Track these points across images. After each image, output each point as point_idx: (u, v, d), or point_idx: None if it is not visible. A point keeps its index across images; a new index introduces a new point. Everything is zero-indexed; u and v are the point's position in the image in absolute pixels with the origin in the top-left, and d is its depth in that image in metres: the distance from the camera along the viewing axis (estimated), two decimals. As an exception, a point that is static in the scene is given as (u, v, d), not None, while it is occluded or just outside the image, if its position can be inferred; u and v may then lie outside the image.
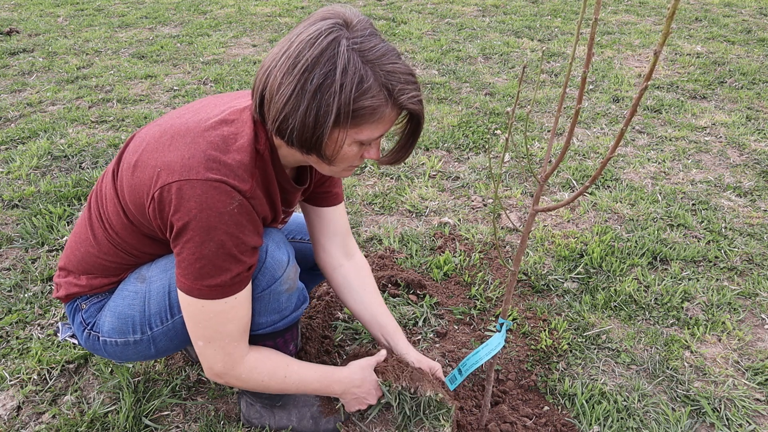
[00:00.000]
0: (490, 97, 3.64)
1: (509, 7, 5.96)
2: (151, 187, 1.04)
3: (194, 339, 1.13)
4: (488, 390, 1.41)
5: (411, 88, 1.01)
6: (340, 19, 0.97)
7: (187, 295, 1.08)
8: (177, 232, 1.03)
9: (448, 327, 1.83)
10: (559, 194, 2.60)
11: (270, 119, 1.02)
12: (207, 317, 1.09)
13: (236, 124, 1.09)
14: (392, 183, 2.65)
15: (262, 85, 1.01)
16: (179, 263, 1.06)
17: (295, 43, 0.96)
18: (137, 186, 1.08)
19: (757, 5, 6.04)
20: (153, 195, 1.03)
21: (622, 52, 4.55)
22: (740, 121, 3.31)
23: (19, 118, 3.31)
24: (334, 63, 0.94)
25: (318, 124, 0.97)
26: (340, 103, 0.95)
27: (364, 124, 1.00)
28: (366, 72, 0.96)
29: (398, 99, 1.00)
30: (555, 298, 1.96)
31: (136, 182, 1.08)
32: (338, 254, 1.46)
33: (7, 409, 1.52)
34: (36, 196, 2.47)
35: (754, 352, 1.74)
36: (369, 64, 0.96)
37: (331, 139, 1.01)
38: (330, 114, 0.96)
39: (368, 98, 0.97)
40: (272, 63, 0.99)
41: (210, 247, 1.02)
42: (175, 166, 1.02)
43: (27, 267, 2.05)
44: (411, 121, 1.09)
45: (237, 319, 1.11)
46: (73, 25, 5.42)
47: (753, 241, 2.24)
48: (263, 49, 4.67)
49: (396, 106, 1.01)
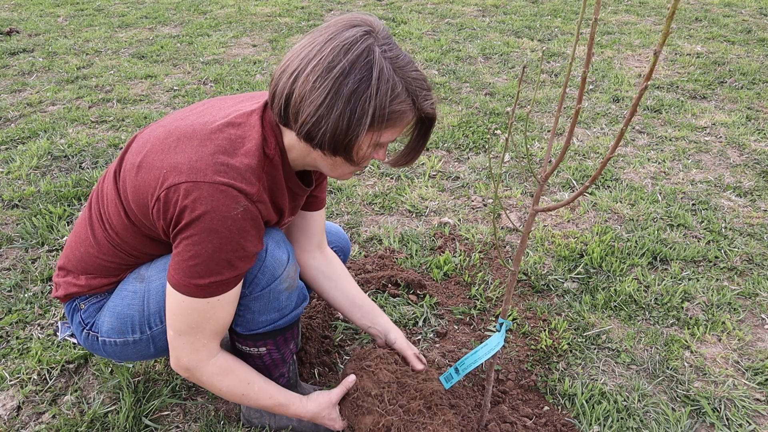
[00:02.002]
0: (490, 97, 3.65)
1: (509, 7, 5.95)
2: (156, 188, 1.05)
3: (168, 327, 1.15)
4: (488, 390, 1.41)
5: (430, 95, 1.08)
6: (369, 27, 1.02)
7: (173, 288, 1.09)
8: (179, 228, 1.04)
9: (448, 327, 1.83)
10: (559, 194, 2.60)
11: (299, 122, 1.02)
12: (186, 312, 1.10)
13: (243, 128, 1.09)
14: (392, 183, 2.65)
15: (288, 88, 1.02)
16: (174, 256, 1.07)
17: (327, 48, 0.99)
18: (141, 187, 1.08)
19: (757, 5, 6.04)
20: (159, 195, 1.04)
21: (622, 52, 4.55)
22: (740, 121, 3.31)
23: (19, 118, 3.31)
24: (369, 69, 0.98)
25: (352, 127, 1.00)
26: (376, 106, 0.99)
27: (390, 128, 1.05)
28: (396, 79, 1.01)
29: (421, 105, 1.06)
30: (555, 298, 1.96)
31: (141, 183, 1.08)
32: (314, 252, 1.49)
33: (7, 409, 1.52)
34: (36, 196, 2.47)
35: (754, 352, 1.74)
36: (398, 71, 1.02)
37: (361, 144, 1.04)
38: (366, 117, 1.00)
39: (399, 103, 1.02)
40: (300, 67, 1.00)
41: (207, 248, 1.03)
42: (183, 168, 1.03)
43: (27, 267, 2.05)
44: (423, 124, 1.14)
45: (214, 319, 1.12)
46: (73, 25, 5.42)
47: (753, 241, 2.24)
48: (263, 49, 4.67)
49: (417, 111, 1.07)
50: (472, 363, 1.33)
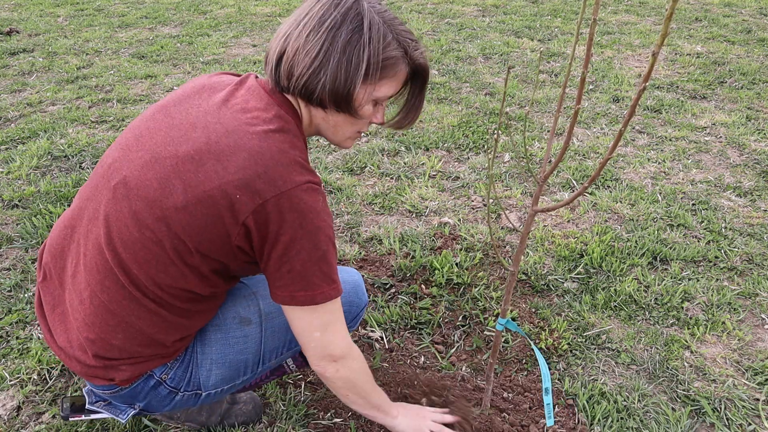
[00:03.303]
0: (490, 97, 3.65)
1: (509, 7, 5.95)
2: (235, 214, 0.97)
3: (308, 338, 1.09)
4: (488, 390, 1.41)
5: (419, 45, 1.08)
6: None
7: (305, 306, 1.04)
8: (284, 248, 0.99)
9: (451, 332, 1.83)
10: (559, 194, 2.60)
11: (295, 76, 1.01)
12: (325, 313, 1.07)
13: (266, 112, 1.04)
14: (392, 183, 2.65)
15: (281, 47, 1.02)
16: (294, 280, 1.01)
17: (317, 6, 1.01)
18: (205, 222, 0.99)
19: (757, 5, 6.04)
20: (244, 222, 0.98)
21: (622, 52, 4.55)
22: (740, 121, 3.31)
23: (19, 118, 3.31)
24: (360, 20, 1.00)
25: (350, 77, 1.00)
26: (370, 53, 1.00)
27: (385, 78, 1.05)
28: (386, 29, 1.02)
29: (412, 55, 1.06)
30: (555, 298, 1.96)
31: (200, 219, 0.99)
32: None
33: (7, 409, 1.52)
34: (36, 196, 2.47)
35: (754, 352, 1.74)
36: (387, 23, 1.03)
37: (359, 94, 1.03)
38: (362, 64, 1.00)
39: (391, 50, 1.03)
40: (290, 28, 1.02)
41: (321, 247, 1.01)
42: (257, 184, 0.96)
43: (27, 267, 2.05)
44: (417, 79, 1.14)
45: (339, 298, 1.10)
46: (73, 25, 5.42)
47: (753, 241, 2.24)
48: (263, 49, 4.67)
49: (409, 61, 1.07)
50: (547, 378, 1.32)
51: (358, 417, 1.50)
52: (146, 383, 1.16)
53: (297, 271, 1.01)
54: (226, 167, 0.97)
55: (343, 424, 1.48)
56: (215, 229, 0.99)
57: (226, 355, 1.19)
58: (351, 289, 1.34)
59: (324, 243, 1.01)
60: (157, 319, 1.08)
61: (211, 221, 0.99)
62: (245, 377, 1.25)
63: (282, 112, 1.05)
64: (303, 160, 1.02)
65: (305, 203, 0.98)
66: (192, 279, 1.06)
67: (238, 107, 1.03)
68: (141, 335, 1.09)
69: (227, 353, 1.19)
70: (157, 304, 1.07)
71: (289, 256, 1.00)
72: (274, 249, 1.00)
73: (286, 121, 1.04)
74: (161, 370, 1.16)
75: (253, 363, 1.23)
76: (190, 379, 1.19)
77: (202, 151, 0.99)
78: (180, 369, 1.18)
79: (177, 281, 1.05)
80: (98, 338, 1.09)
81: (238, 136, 0.99)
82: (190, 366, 1.19)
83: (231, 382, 1.23)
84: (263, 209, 0.96)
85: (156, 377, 1.16)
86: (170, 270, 1.04)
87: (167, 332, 1.10)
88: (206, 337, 1.19)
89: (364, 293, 1.38)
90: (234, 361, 1.20)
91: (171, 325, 1.10)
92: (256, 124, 1.01)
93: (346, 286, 1.32)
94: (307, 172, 1.01)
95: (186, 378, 1.19)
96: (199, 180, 0.98)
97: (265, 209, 0.96)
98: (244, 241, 1.01)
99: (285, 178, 0.97)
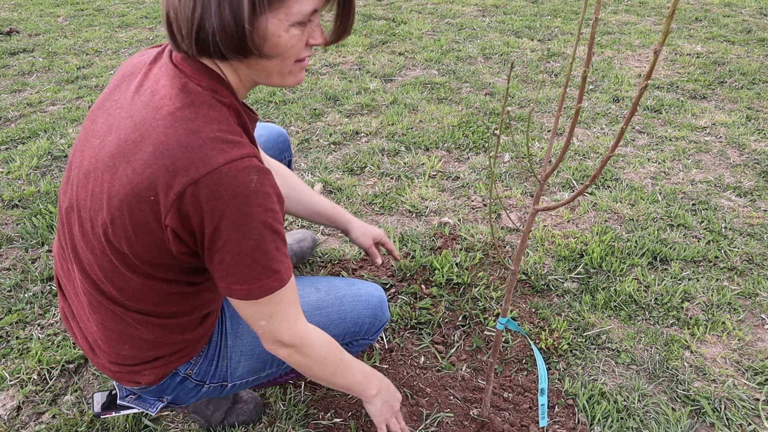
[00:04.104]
0: (490, 97, 3.65)
1: (509, 7, 5.95)
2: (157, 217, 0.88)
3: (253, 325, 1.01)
4: (488, 390, 1.41)
5: None
6: None
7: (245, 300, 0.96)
8: (210, 240, 0.89)
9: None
10: (559, 194, 2.60)
11: (185, 36, 0.87)
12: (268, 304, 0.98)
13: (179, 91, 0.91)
14: (392, 183, 2.65)
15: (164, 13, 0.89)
16: (227, 272, 0.92)
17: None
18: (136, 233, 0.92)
19: (757, 5, 6.04)
20: (166, 224, 0.88)
21: (622, 52, 4.55)
22: (740, 121, 3.31)
23: (19, 118, 3.31)
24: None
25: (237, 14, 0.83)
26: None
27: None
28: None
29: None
30: (555, 298, 1.96)
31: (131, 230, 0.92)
32: None
33: (7, 409, 1.52)
34: (36, 196, 2.47)
35: (754, 352, 1.74)
36: None
37: (259, 30, 0.87)
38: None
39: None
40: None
41: (252, 236, 0.89)
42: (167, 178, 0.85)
43: (27, 267, 2.05)
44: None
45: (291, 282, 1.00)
46: (73, 25, 5.42)
47: (753, 241, 2.24)
48: (263, 49, 4.67)
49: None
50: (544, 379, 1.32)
51: (358, 417, 1.50)
52: (173, 380, 1.16)
53: (228, 263, 0.91)
54: (135, 168, 0.87)
55: (343, 424, 1.48)
56: (149, 237, 0.91)
57: (256, 347, 1.20)
58: (378, 303, 1.35)
59: (257, 231, 0.88)
60: (152, 327, 1.06)
61: (141, 231, 0.91)
62: (270, 371, 1.26)
63: (190, 83, 0.91)
64: (224, 132, 0.88)
65: (226, 188, 0.85)
66: (161, 285, 1.00)
67: (149, 92, 0.92)
68: (145, 342, 1.09)
69: (256, 345, 1.20)
70: (143, 314, 1.04)
71: (217, 247, 0.89)
72: (203, 243, 0.90)
73: (195, 93, 0.90)
74: (185, 367, 1.16)
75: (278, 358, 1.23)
76: (216, 372, 1.19)
77: (115, 156, 0.90)
78: (204, 363, 1.18)
79: (147, 292, 1.01)
80: (110, 350, 1.10)
81: (145, 128, 0.88)
82: (216, 358, 1.19)
83: (257, 374, 1.24)
84: (180, 204, 0.85)
85: (181, 374, 1.16)
86: (133, 284, 0.99)
87: (171, 333, 1.10)
88: (239, 330, 1.21)
89: (387, 310, 1.39)
90: (262, 353, 1.21)
91: (170, 327, 1.09)
92: (162, 107, 0.89)
93: (373, 300, 1.33)
94: (229, 148, 0.86)
95: (211, 370, 1.19)
96: (116, 189, 0.89)
97: (182, 204, 0.85)
98: (179, 244, 0.92)
99: (197, 163, 0.84)
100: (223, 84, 0.94)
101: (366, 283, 1.38)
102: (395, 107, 3.43)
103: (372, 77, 3.94)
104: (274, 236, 0.91)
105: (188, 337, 1.12)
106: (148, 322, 1.05)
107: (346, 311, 1.29)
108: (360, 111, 3.42)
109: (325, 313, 1.26)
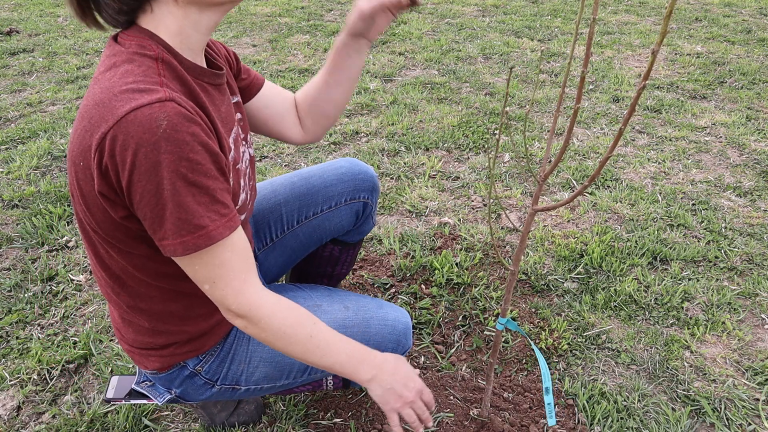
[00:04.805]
0: (490, 97, 3.65)
1: (509, 7, 5.95)
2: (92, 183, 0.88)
3: (200, 285, 0.96)
4: (488, 390, 1.41)
5: None
6: None
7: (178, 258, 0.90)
8: (128, 195, 0.85)
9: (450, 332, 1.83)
10: (559, 194, 2.60)
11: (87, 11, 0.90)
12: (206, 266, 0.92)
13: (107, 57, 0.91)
14: (392, 183, 2.65)
15: None
16: (152, 227, 0.88)
17: None
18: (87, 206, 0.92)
19: (757, 5, 6.04)
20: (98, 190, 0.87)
21: (622, 52, 4.55)
22: (740, 121, 3.31)
23: (19, 118, 3.31)
24: None
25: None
26: None
27: None
28: None
29: None
30: (555, 298, 1.96)
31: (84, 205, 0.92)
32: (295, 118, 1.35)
33: (7, 409, 1.52)
34: (36, 196, 2.47)
35: (754, 352, 1.74)
36: None
37: None
38: None
39: None
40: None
41: (165, 186, 0.83)
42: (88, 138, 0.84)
43: (27, 267, 2.05)
44: None
45: (232, 249, 0.93)
46: (73, 25, 5.42)
47: (753, 241, 2.24)
48: (263, 49, 4.67)
49: None
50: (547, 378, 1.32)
51: (358, 417, 1.50)
52: (181, 372, 1.16)
53: (150, 217, 0.86)
54: (71, 141, 0.89)
55: (343, 424, 1.48)
56: (96, 206, 0.90)
57: (276, 355, 1.19)
58: (403, 330, 1.29)
59: (169, 181, 0.82)
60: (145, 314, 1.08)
61: (89, 202, 0.90)
62: (286, 381, 1.24)
63: (117, 47, 0.90)
64: (137, 83, 0.84)
65: (132, 137, 0.80)
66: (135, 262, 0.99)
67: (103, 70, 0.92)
68: (144, 329, 1.11)
69: (277, 353, 1.19)
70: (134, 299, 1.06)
71: (137, 202, 0.84)
72: (129, 200, 0.86)
73: (118, 54, 0.89)
74: (194, 362, 1.15)
75: (298, 369, 1.22)
76: (227, 374, 1.18)
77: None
78: (215, 363, 1.17)
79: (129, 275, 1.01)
80: (124, 331, 1.14)
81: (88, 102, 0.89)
82: (228, 361, 1.18)
83: (273, 381, 1.23)
84: (99, 162, 0.83)
85: (190, 368, 1.16)
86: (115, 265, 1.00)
87: (164, 323, 1.10)
88: None
89: (411, 338, 1.32)
90: (282, 362, 1.20)
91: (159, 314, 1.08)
92: (101, 80, 0.88)
93: (399, 326, 1.28)
94: (138, 96, 0.81)
95: (222, 372, 1.18)
96: (70, 170, 0.91)
97: (101, 161, 0.83)
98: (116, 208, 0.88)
99: (106, 116, 0.81)
100: (152, 38, 0.90)
101: (395, 308, 1.33)
102: (395, 107, 3.43)
103: (372, 77, 3.94)
104: (190, 188, 0.84)
105: (189, 329, 1.11)
106: (139, 307, 1.06)
107: (371, 333, 1.25)
108: (360, 111, 3.42)
109: (350, 333, 1.23)
